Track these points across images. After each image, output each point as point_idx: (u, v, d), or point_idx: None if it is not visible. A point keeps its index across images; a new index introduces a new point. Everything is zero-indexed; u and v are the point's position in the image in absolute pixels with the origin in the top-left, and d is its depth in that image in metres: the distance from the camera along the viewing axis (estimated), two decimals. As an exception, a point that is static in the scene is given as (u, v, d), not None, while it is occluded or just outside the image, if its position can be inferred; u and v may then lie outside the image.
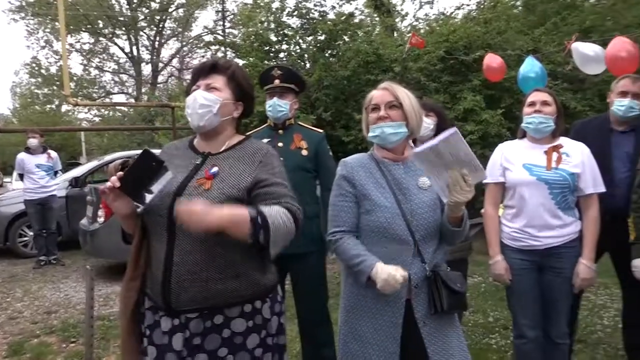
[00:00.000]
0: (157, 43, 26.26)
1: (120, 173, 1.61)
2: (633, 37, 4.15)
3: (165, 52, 27.25)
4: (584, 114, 6.93)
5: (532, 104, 2.53)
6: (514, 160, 2.56)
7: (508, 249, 2.56)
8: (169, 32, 26.85)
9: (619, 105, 2.88)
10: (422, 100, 2.45)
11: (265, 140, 2.87)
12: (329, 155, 3.02)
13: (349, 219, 1.91)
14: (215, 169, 1.70)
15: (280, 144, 2.91)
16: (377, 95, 1.93)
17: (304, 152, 2.91)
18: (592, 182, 2.49)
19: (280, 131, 2.98)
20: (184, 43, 26.98)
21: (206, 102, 1.72)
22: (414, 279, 1.85)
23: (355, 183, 1.92)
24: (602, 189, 2.52)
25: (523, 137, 2.63)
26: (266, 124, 3.09)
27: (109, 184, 1.61)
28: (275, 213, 1.57)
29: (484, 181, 2.65)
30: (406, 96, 1.91)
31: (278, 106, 2.93)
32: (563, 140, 2.55)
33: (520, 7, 10.69)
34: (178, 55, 27.02)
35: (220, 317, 1.66)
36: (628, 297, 3.17)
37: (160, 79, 26.89)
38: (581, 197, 2.51)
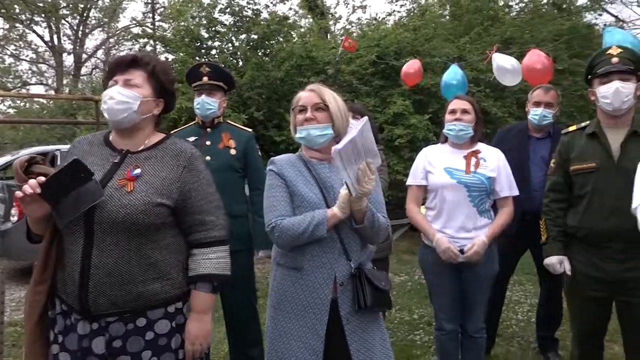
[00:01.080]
0: (80, 33, 24.86)
1: (42, 178, 1.51)
2: (546, 51, 4.45)
3: (90, 43, 25.76)
4: (504, 120, 7.35)
5: (453, 111, 2.65)
6: (436, 164, 2.67)
7: (430, 248, 2.66)
8: (94, 21, 25.43)
9: (534, 114, 3.15)
10: (349, 103, 2.50)
11: (192, 139, 2.81)
12: (257, 155, 3.00)
13: (285, 208, 1.91)
14: (137, 171, 1.63)
15: (208, 142, 2.86)
16: (304, 96, 1.96)
17: (232, 151, 2.87)
18: (508, 186, 2.65)
19: (209, 129, 2.93)
20: (110, 34, 25.75)
21: (125, 98, 1.65)
22: (339, 277, 1.89)
23: (285, 179, 1.94)
24: (516, 192, 2.68)
25: (445, 141, 2.76)
26: (194, 122, 3.02)
27: (27, 188, 1.50)
28: (214, 262, 1.75)
29: (407, 183, 2.75)
30: (333, 98, 1.94)
31: (206, 104, 2.87)
32: (480, 146, 2.70)
33: (447, 17, 11.17)
34: (103, 47, 25.65)
35: (142, 319, 1.61)
36: (545, 290, 3.43)
37: (83, 70, 25.34)
38: (497, 200, 2.66)
